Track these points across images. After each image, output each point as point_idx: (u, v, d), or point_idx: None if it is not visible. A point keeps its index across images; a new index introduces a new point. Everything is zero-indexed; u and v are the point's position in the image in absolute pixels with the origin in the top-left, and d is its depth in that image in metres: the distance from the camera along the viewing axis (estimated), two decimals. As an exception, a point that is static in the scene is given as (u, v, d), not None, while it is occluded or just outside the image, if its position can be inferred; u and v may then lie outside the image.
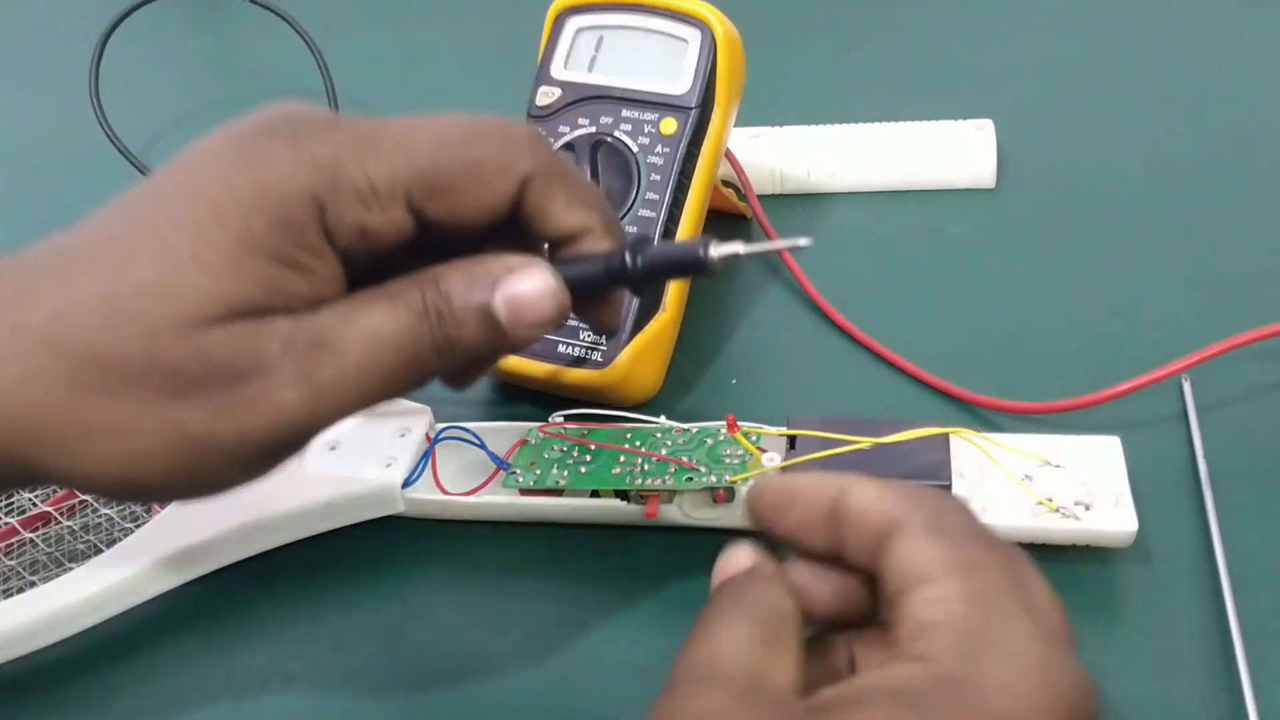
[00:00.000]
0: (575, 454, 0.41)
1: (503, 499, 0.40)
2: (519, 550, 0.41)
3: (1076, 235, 0.52)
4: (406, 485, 0.41)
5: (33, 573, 0.40)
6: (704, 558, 0.30)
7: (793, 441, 0.39)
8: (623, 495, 0.40)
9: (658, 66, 0.46)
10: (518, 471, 0.40)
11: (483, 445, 0.41)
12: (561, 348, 0.44)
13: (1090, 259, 0.51)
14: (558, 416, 0.42)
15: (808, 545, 0.29)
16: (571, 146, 0.46)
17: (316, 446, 0.40)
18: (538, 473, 0.40)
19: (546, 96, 0.47)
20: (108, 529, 0.41)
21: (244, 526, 0.40)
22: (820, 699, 0.25)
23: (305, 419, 0.28)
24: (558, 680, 0.37)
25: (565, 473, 0.40)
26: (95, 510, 0.42)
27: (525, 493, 0.40)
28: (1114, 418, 0.42)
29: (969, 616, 0.25)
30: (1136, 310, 0.48)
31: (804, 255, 0.51)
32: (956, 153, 0.56)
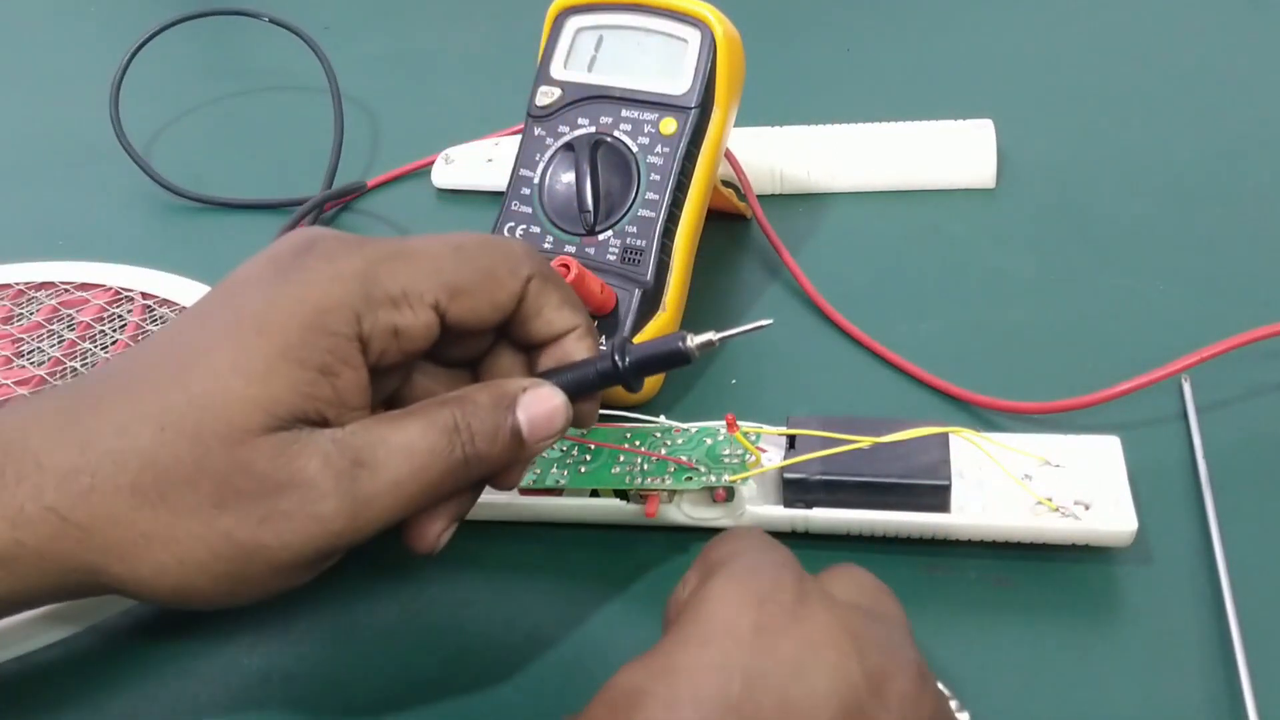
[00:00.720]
0: (575, 454, 0.41)
1: (502, 499, 0.40)
2: (519, 550, 0.41)
3: (1076, 235, 0.52)
4: (406, 485, 0.41)
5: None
6: (703, 557, 0.30)
7: (792, 441, 0.39)
8: (622, 495, 0.40)
9: (657, 66, 0.46)
10: (517, 471, 0.40)
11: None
12: (561, 348, 0.44)
13: (1090, 259, 0.51)
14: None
15: None
16: (571, 146, 0.46)
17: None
18: (537, 472, 0.40)
19: (546, 96, 0.47)
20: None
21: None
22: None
23: (344, 530, 0.31)
24: (558, 680, 0.37)
25: (565, 472, 0.40)
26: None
27: (525, 492, 0.40)
28: (1114, 418, 0.42)
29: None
30: (1136, 310, 0.48)
31: (804, 255, 0.51)
32: (956, 153, 0.56)
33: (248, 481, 0.30)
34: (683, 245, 0.45)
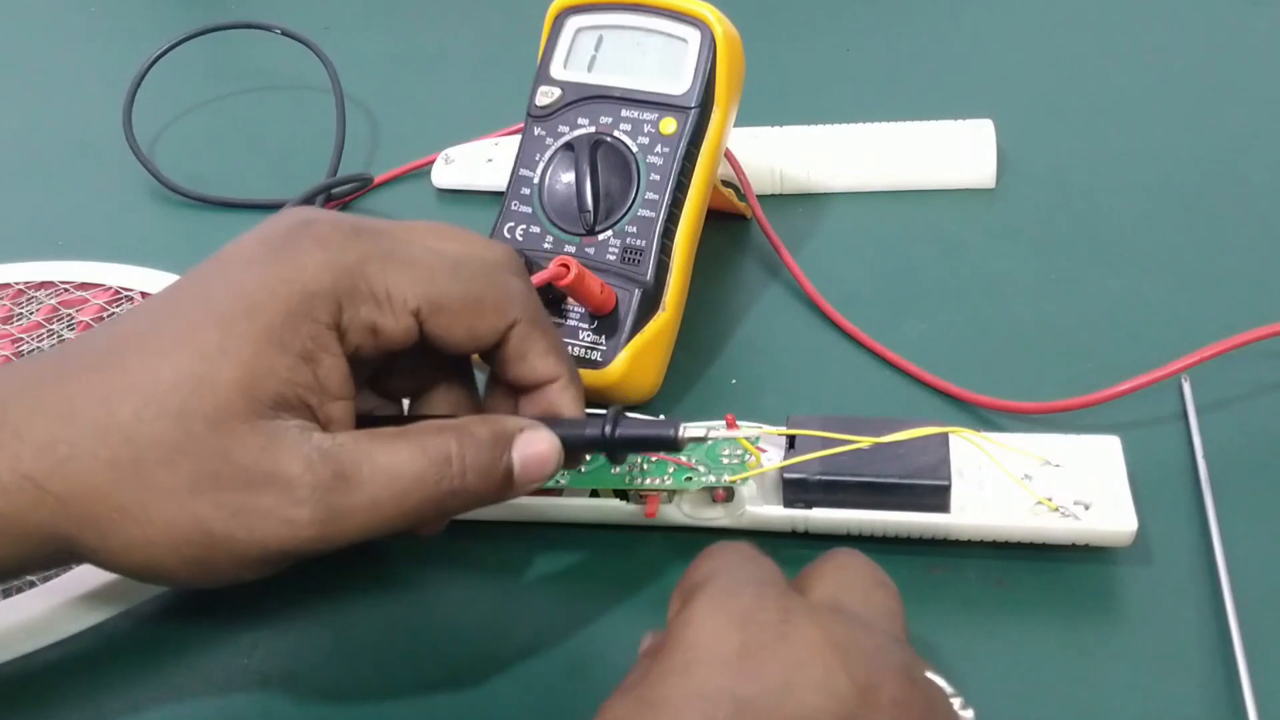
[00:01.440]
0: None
1: (502, 499, 0.40)
2: (519, 550, 0.41)
3: (1076, 235, 0.52)
4: (406, 485, 0.41)
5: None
6: (703, 557, 0.30)
7: (792, 441, 0.39)
8: (622, 495, 0.40)
9: (657, 66, 0.46)
10: (517, 471, 0.40)
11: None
12: (561, 347, 0.44)
13: (1090, 259, 0.51)
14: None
15: None
16: (571, 146, 0.46)
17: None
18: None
19: (546, 96, 0.47)
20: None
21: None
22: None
23: (314, 539, 0.30)
24: (558, 680, 0.37)
25: (565, 472, 0.40)
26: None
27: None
28: (1114, 418, 0.42)
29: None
30: (1136, 310, 0.48)
31: (804, 255, 0.51)
32: (956, 153, 0.56)
33: (227, 469, 0.29)
34: (683, 245, 0.45)
